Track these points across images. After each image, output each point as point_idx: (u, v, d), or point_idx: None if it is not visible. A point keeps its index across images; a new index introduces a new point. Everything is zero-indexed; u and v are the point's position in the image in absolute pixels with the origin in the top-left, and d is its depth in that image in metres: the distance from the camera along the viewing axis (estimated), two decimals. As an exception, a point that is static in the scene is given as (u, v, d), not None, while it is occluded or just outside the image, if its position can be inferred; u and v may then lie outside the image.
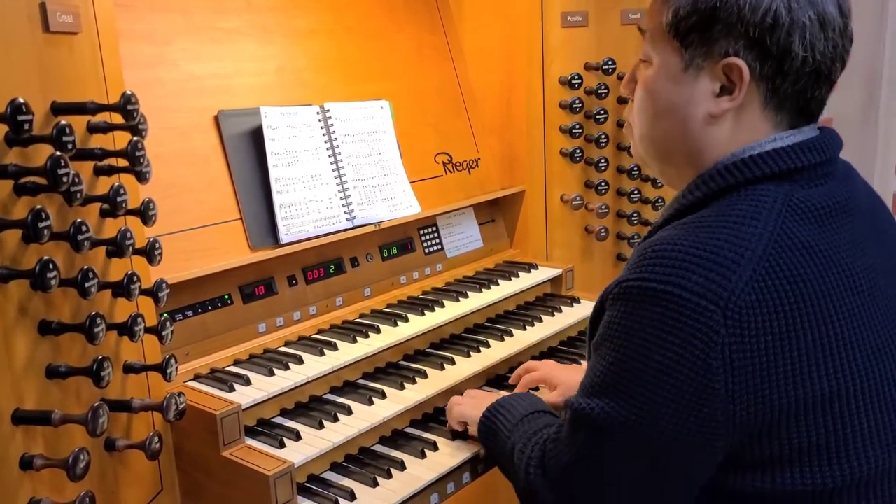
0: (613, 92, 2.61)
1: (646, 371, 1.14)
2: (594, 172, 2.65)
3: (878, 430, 1.17)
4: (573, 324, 2.34)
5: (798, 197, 1.19)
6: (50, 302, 1.32)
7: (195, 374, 1.83)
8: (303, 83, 2.21)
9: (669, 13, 1.23)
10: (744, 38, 1.17)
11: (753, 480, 1.16)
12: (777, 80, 1.20)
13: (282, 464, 1.55)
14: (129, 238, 1.43)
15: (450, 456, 1.75)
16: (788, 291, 1.11)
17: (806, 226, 1.17)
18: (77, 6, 1.39)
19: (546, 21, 2.55)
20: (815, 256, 1.15)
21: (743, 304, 1.09)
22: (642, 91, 1.33)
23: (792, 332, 1.11)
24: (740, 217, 1.16)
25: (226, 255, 1.90)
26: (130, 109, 1.42)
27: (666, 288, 1.12)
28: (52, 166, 1.22)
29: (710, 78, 1.22)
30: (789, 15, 1.15)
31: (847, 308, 1.15)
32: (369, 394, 1.86)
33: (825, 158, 1.23)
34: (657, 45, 1.28)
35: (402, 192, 2.30)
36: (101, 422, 1.29)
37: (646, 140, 1.35)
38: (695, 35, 1.21)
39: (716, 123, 1.25)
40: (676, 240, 1.16)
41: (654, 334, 1.13)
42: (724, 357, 1.09)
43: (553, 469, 1.32)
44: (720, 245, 1.13)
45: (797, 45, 1.16)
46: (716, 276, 1.10)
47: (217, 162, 1.96)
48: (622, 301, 1.18)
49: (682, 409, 1.12)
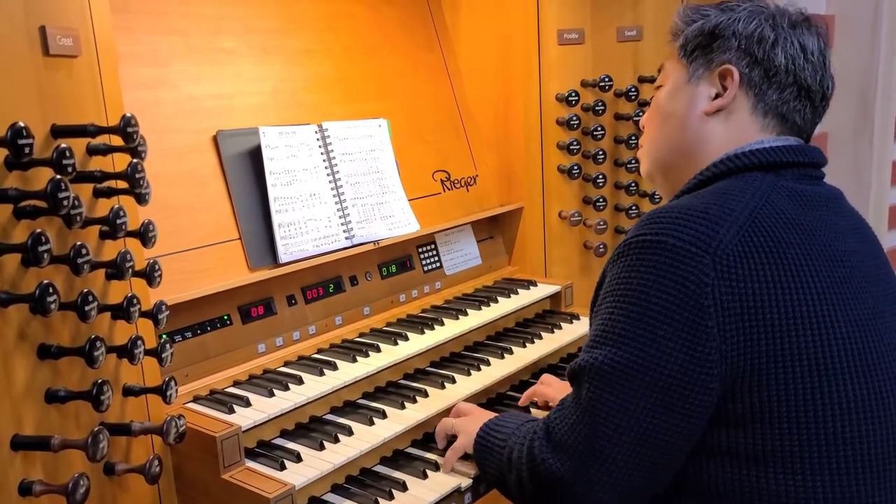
0: (610, 108, 2.62)
1: (644, 315, 1.23)
2: (592, 188, 2.66)
3: (862, 395, 1.22)
4: (573, 340, 2.33)
5: (783, 184, 1.33)
6: (49, 325, 1.32)
7: (194, 395, 1.82)
8: (300, 103, 2.21)
9: (682, 37, 1.48)
10: (736, 49, 1.40)
11: (742, 437, 1.21)
12: (763, 85, 1.39)
13: (282, 486, 1.54)
14: (129, 260, 1.42)
15: (452, 476, 1.73)
16: (773, 251, 1.22)
17: (790, 204, 1.30)
18: (77, 29, 1.40)
19: (542, 39, 2.56)
20: (798, 228, 1.27)
21: (730, 253, 1.20)
22: (653, 105, 1.54)
23: (778, 286, 1.20)
24: (730, 191, 1.30)
25: (225, 275, 1.90)
26: (130, 132, 1.42)
27: (660, 238, 1.24)
28: (52, 190, 1.22)
29: (708, 84, 1.44)
30: (773, 33, 1.39)
31: (829, 277, 1.25)
32: (370, 414, 1.85)
33: (808, 161, 1.38)
34: (672, 66, 1.51)
35: (400, 210, 2.30)
36: (102, 447, 1.29)
37: (651, 147, 1.54)
38: (699, 51, 1.45)
39: (709, 122, 1.43)
40: (671, 205, 1.32)
41: (650, 279, 1.23)
42: (715, 297, 1.19)
43: (558, 432, 1.34)
44: (709, 208, 1.26)
45: (780, 55, 1.38)
46: (705, 228, 1.22)
47: (216, 182, 1.96)
48: (622, 257, 1.30)
49: (680, 348, 1.21)
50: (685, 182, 1.44)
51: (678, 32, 1.50)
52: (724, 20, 1.42)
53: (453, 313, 2.29)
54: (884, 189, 3.56)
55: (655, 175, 1.55)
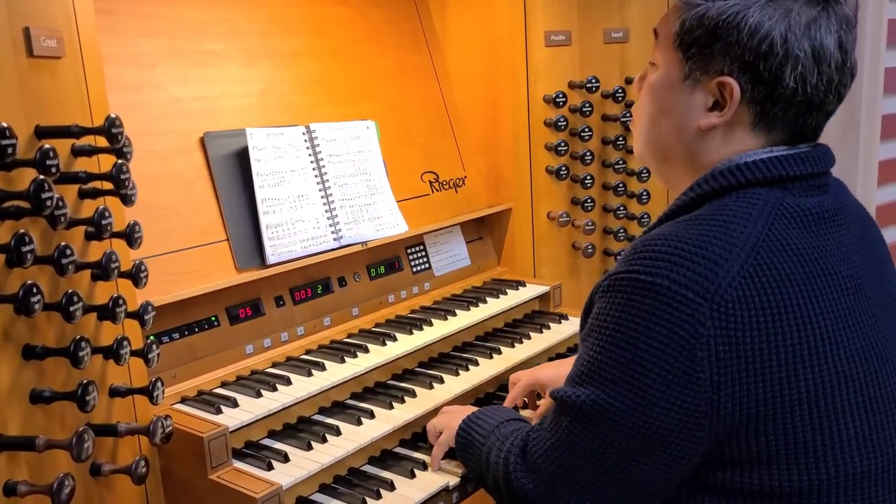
0: (598, 109, 2.63)
1: (632, 360, 1.17)
2: (580, 189, 2.67)
3: (862, 430, 1.18)
4: (561, 340, 2.34)
5: (788, 203, 1.22)
6: (34, 326, 1.31)
7: (182, 396, 1.82)
8: (288, 105, 2.22)
9: (678, 23, 1.29)
10: (739, 60, 1.22)
11: (739, 477, 1.18)
12: (766, 104, 1.24)
13: (270, 486, 1.54)
14: (115, 261, 1.42)
15: (439, 475, 1.74)
16: (775, 289, 1.14)
17: (794, 229, 1.20)
18: (61, 30, 1.40)
19: (530, 40, 2.57)
20: (802, 259, 1.18)
21: (729, 299, 1.12)
22: (646, 91, 1.39)
23: (778, 329, 1.13)
24: (731, 216, 1.20)
25: (212, 276, 1.90)
26: (115, 132, 1.42)
27: (654, 279, 1.15)
28: (35, 190, 1.22)
29: (704, 91, 1.28)
30: (784, 46, 1.20)
31: (832, 309, 1.18)
32: (358, 414, 1.85)
33: (816, 171, 1.27)
34: (664, 50, 1.33)
35: (388, 211, 2.31)
36: (86, 447, 1.28)
37: (645, 139, 1.41)
38: (696, 49, 1.27)
39: (706, 136, 1.30)
40: (667, 235, 1.20)
41: (641, 324, 1.16)
42: (710, 348, 1.12)
43: (534, 454, 1.33)
44: (709, 241, 1.16)
45: (788, 75, 1.21)
46: (703, 269, 1.13)
47: (203, 184, 1.96)
48: (612, 293, 1.21)
49: (667, 398, 1.15)
50: (679, 179, 1.36)
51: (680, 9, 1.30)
52: (729, 14, 1.22)
53: (442, 314, 2.29)
54: (871, 189, 3.58)
55: (648, 162, 1.45)
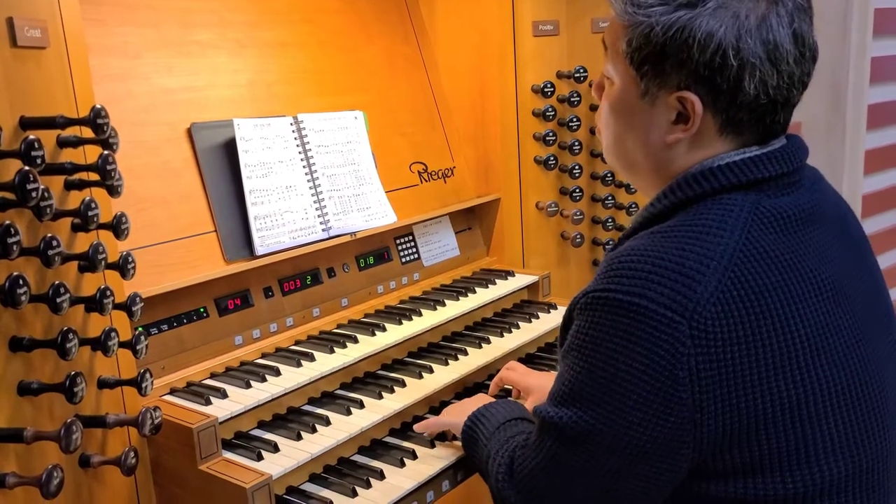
0: (586, 100, 2.64)
1: (612, 381, 1.16)
2: (568, 179, 2.67)
3: (846, 434, 1.18)
4: (550, 330, 2.35)
5: (765, 206, 1.20)
6: (21, 318, 1.31)
7: (171, 387, 1.82)
8: (275, 95, 2.21)
9: (624, 42, 1.24)
10: (694, 75, 1.18)
11: (726, 487, 1.17)
12: (731, 111, 1.21)
13: (260, 476, 1.54)
14: (102, 252, 1.42)
15: (429, 464, 1.75)
16: (753, 301, 1.13)
17: (771, 234, 1.19)
18: (45, 20, 1.39)
19: (518, 30, 2.57)
20: (780, 265, 1.17)
21: (708, 315, 1.11)
22: (606, 107, 1.35)
23: (758, 341, 1.12)
24: (706, 227, 1.17)
25: (201, 267, 1.89)
26: (100, 123, 1.41)
27: (632, 299, 1.14)
28: (20, 181, 1.22)
29: (665, 106, 1.24)
30: (738, 56, 1.16)
31: (812, 315, 1.17)
32: (347, 404, 1.86)
33: (791, 168, 1.25)
34: (617, 66, 1.29)
35: (377, 201, 2.31)
36: (75, 438, 1.28)
37: (612, 152, 1.38)
38: (648, 66, 1.22)
39: (673, 147, 1.27)
40: (642, 250, 1.18)
41: (620, 345, 1.14)
42: (690, 367, 1.11)
43: (520, 473, 1.34)
44: (685, 255, 1.14)
45: (748, 83, 1.17)
46: (681, 287, 1.12)
47: (190, 174, 1.96)
48: (589, 311, 1.20)
49: (649, 418, 1.14)
50: (649, 187, 1.34)
51: (624, 24, 1.24)
52: (676, 29, 1.16)
53: (431, 304, 2.30)
54: (857, 178, 3.61)
55: (617, 171, 1.43)
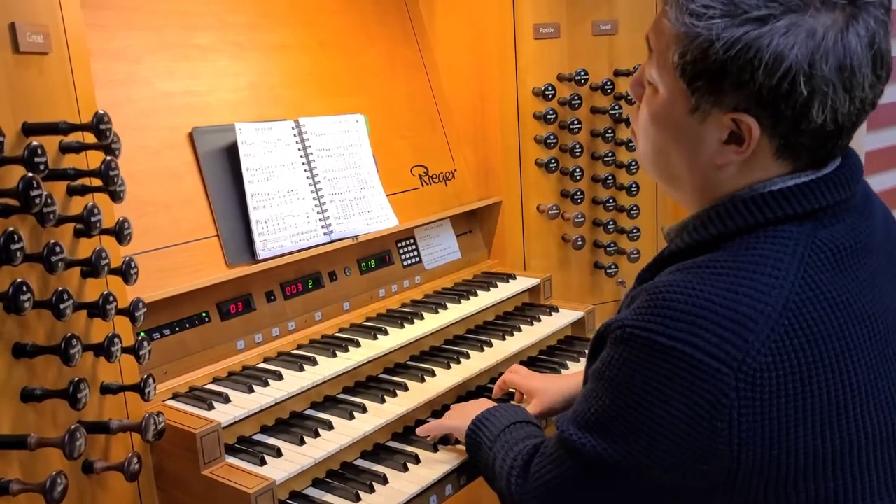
0: (587, 102, 2.64)
1: (645, 422, 1.09)
2: (569, 182, 2.67)
3: (886, 481, 1.13)
4: (552, 333, 2.35)
5: (820, 238, 1.11)
6: (24, 324, 1.31)
7: (174, 392, 1.81)
8: (277, 98, 2.21)
9: (677, 53, 1.10)
10: (755, 97, 1.06)
11: None
12: (791, 136, 1.09)
13: (263, 481, 1.54)
14: (105, 258, 1.42)
15: (432, 468, 1.74)
16: (807, 350, 1.05)
17: (827, 272, 1.09)
18: (47, 26, 1.39)
19: (518, 33, 2.57)
20: (836, 308, 1.08)
21: (757, 367, 1.03)
22: (646, 115, 1.22)
23: (808, 394, 1.05)
24: (760, 265, 1.08)
25: (203, 272, 1.89)
26: (103, 129, 1.41)
27: (676, 345, 1.05)
28: (24, 188, 1.21)
29: (717, 125, 1.12)
30: (809, 83, 1.03)
31: (865, 360, 1.10)
32: (350, 408, 1.86)
33: (848, 194, 1.15)
34: (664, 75, 1.16)
35: (379, 205, 2.31)
36: (79, 444, 1.28)
37: (652, 163, 1.27)
38: (703, 83, 1.10)
39: (723, 170, 1.16)
40: (690, 289, 1.08)
41: (658, 388, 1.07)
42: (731, 420, 1.04)
43: (536, 481, 1.32)
44: (737, 300, 1.05)
45: (816, 111, 1.05)
46: (731, 335, 1.03)
47: (192, 179, 1.95)
48: (625, 347, 1.11)
49: (680, 465, 1.08)
50: (689, 202, 1.24)
51: (679, 33, 1.10)
52: (740, 49, 1.03)
53: (433, 307, 2.29)
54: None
55: (656, 181, 1.32)
